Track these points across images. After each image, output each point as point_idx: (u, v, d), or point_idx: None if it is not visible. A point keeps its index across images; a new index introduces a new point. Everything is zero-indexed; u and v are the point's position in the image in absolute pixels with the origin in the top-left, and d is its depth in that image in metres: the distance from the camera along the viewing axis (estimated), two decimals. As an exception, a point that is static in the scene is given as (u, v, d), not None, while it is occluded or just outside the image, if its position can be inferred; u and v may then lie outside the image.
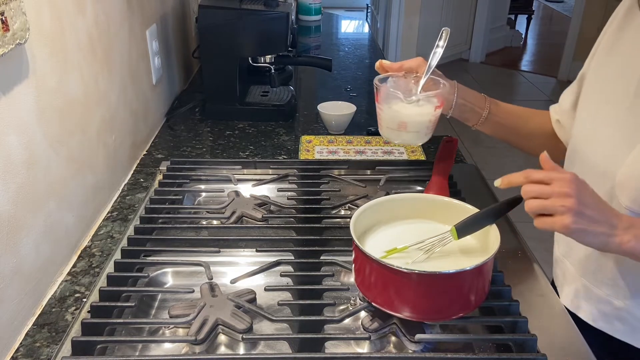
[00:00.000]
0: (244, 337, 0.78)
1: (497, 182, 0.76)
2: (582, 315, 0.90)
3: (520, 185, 0.73)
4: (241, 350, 0.80)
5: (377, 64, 0.95)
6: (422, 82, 0.90)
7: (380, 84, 0.92)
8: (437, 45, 0.93)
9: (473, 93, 0.99)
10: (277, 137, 1.50)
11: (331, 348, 0.79)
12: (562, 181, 0.68)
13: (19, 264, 0.81)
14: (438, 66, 0.93)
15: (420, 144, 0.95)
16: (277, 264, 0.93)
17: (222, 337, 0.81)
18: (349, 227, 0.79)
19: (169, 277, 0.95)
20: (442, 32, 0.94)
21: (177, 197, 1.15)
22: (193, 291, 0.86)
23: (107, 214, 1.12)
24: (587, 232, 0.68)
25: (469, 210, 0.83)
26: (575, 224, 0.67)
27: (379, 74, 0.95)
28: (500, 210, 0.82)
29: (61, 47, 0.93)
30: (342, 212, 1.11)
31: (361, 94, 1.88)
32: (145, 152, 1.38)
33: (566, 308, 0.89)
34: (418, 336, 0.76)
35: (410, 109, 0.89)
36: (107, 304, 0.83)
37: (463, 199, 0.99)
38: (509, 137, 1.04)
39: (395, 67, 0.94)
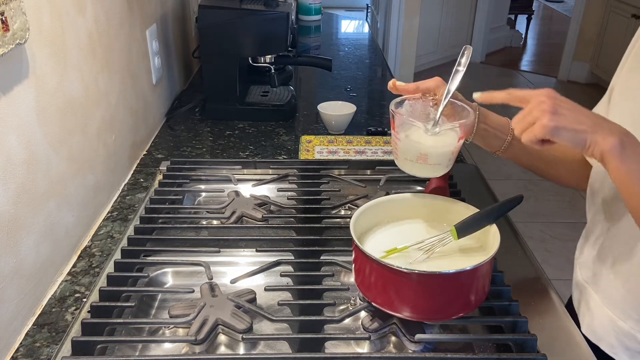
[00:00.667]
0: (244, 337, 0.78)
1: (477, 95, 0.76)
2: (603, 347, 0.85)
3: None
4: (241, 350, 0.80)
5: (390, 83, 0.86)
6: (441, 107, 0.81)
7: (395, 110, 0.82)
8: (459, 64, 0.83)
9: (495, 117, 0.89)
10: (277, 137, 1.50)
11: (331, 348, 0.79)
12: (538, 93, 0.69)
13: (19, 264, 0.81)
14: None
15: (439, 175, 0.86)
16: (277, 264, 0.93)
17: (222, 337, 0.81)
18: (349, 227, 0.79)
19: (169, 277, 0.95)
20: (464, 50, 0.84)
21: (177, 197, 1.15)
22: (193, 291, 0.86)
23: (107, 214, 1.12)
24: (567, 129, 0.67)
25: (469, 210, 0.83)
26: (552, 122, 0.66)
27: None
28: (500, 210, 0.82)
29: (61, 47, 0.93)
30: (342, 212, 1.11)
31: (361, 94, 1.88)
32: (145, 152, 1.38)
33: (585, 337, 0.85)
34: (418, 336, 0.76)
35: (431, 139, 0.80)
36: (107, 304, 0.83)
37: (463, 199, 0.99)
38: (533, 164, 0.94)
39: (410, 89, 0.85)
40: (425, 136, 0.80)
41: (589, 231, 0.90)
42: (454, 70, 0.82)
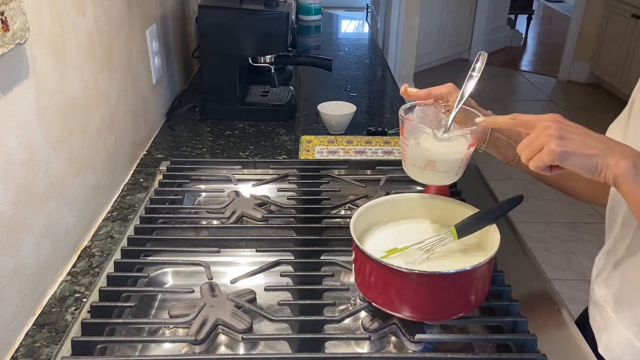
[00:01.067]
0: (244, 337, 0.78)
1: (479, 119, 0.76)
2: (605, 354, 0.84)
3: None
4: (241, 350, 0.80)
5: (402, 89, 0.84)
6: (453, 114, 0.79)
7: (405, 116, 0.80)
8: (473, 69, 0.81)
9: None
10: (277, 137, 1.50)
11: (331, 348, 0.79)
12: (544, 118, 0.68)
13: (19, 264, 0.81)
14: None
15: (449, 183, 0.85)
16: (277, 264, 0.93)
17: (222, 337, 0.81)
18: (349, 227, 0.79)
19: (169, 277, 0.95)
20: (479, 56, 0.82)
21: (177, 197, 1.15)
22: (193, 291, 0.86)
23: (107, 214, 1.12)
24: (576, 154, 0.66)
25: (469, 210, 0.83)
26: (560, 147, 0.65)
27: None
28: (500, 210, 0.82)
29: (61, 47, 0.93)
30: (342, 212, 1.11)
31: (361, 94, 1.88)
32: (145, 152, 1.38)
33: (601, 357, 0.84)
34: (418, 336, 0.76)
35: (440, 146, 0.78)
36: (107, 304, 0.83)
37: (463, 199, 1.00)
38: (548, 177, 0.90)
39: (422, 95, 0.84)
40: (434, 143, 0.78)
41: (611, 251, 0.87)
42: (468, 75, 0.80)
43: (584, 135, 0.67)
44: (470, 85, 0.80)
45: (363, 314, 0.83)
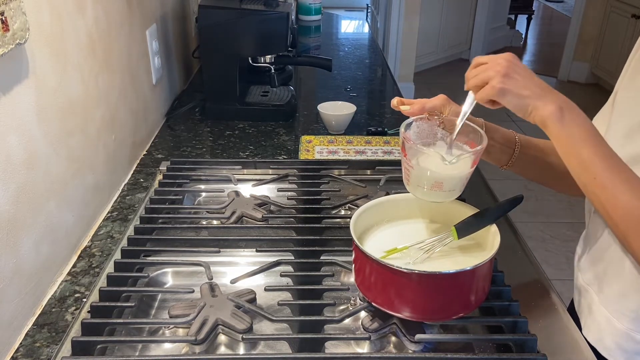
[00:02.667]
0: (244, 337, 0.78)
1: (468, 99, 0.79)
2: (600, 349, 0.85)
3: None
4: (241, 350, 0.80)
5: (394, 102, 0.84)
6: (456, 130, 0.79)
7: (407, 136, 0.79)
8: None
9: (501, 131, 0.88)
10: (277, 137, 1.50)
11: (331, 348, 0.79)
12: (497, 57, 0.74)
13: (19, 264, 0.81)
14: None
15: (452, 199, 0.84)
16: (277, 264, 0.93)
17: (222, 337, 0.81)
18: (349, 227, 0.79)
19: (169, 277, 0.95)
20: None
21: (177, 197, 1.15)
22: (193, 291, 0.86)
23: (107, 214, 1.12)
24: (512, 93, 0.72)
25: (469, 210, 0.83)
26: (501, 84, 0.71)
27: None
28: (500, 210, 0.82)
29: (61, 47, 0.93)
30: (342, 212, 1.11)
31: (361, 94, 1.88)
32: (145, 152, 1.38)
33: (586, 340, 0.85)
34: (418, 336, 0.76)
35: (447, 168, 0.76)
36: (107, 304, 0.83)
37: (463, 199, 0.99)
38: (541, 177, 0.94)
39: (415, 110, 0.83)
40: (440, 164, 0.76)
41: (587, 235, 0.91)
42: (469, 92, 0.79)
43: (527, 78, 0.73)
44: (470, 100, 0.79)
45: (363, 314, 0.83)
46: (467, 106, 0.78)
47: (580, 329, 0.87)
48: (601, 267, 0.85)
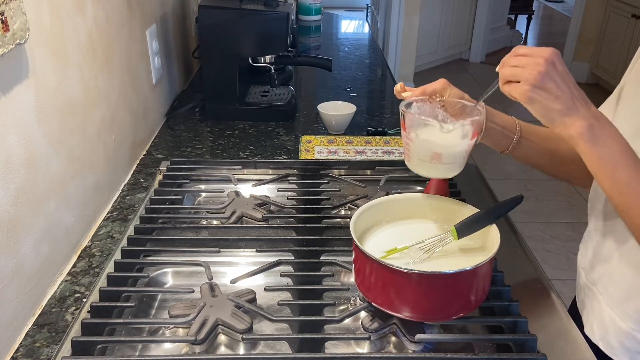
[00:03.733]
0: (244, 337, 0.78)
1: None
2: (603, 347, 0.86)
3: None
4: (241, 350, 0.80)
5: (397, 87, 0.85)
6: (484, 96, 0.80)
7: (406, 110, 0.81)
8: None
9: (502, 116, 0.89)
10: (277, 137, 1.50)
11: (331, 348, 0.79)
12: (540, 55, 0.69)
13: (19, 264, 0.81)
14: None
15: (453, 175, 0.86)
16: (277, 264, 0.93)
17: (222, 337, 0.81)
18: (349, 227, 0.79)
19: (169, 277, 0.95)
20: None
21: (177, 197, 1.15)
22: (193, 291, 0.86)
23: (107, 214, 1.12)
24: (541, 104, 0.69)
25: (469, 210, 0.83)
26: (531, 92, 0.69)
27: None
28: (500, 210, 0.82)
29: (61, 47, 0.93)
30: (342, 212, 1.11)
31: (361, 94, 1.88)
32: (145, 152, 1.38)
33: (587, 338, 0.85)
34: (418, 336, 0.76)
35: (446, 138, 0.79)
36: (107, 304, 0.83)
37: (463, 199, 1.00)
38: (541, 163, 0.94)
39: (417, 92, 0.84)
40: (438, 135, 0.78)
41: (590, 234, 0.91)
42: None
43: (561, 87, 0.69)
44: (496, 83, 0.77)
45: (363, 314, 0.83)
46: (494, 84, 0.77)
47: (581, 327, 0.87)
48: (606, 267, 0.85)
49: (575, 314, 0.92)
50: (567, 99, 0.69)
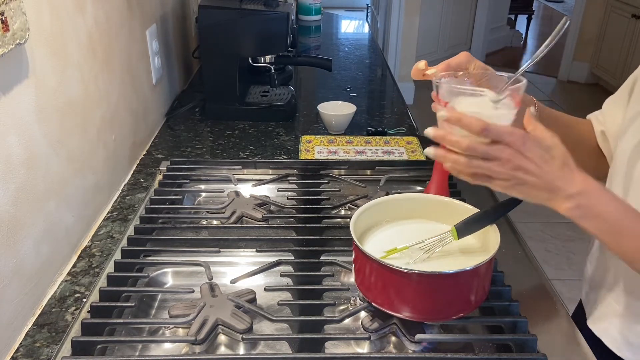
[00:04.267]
0: (244, 337, 0.78)
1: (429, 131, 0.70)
2: (607, 341, 0.85)
3: None
4: (241, 350, 0.80)
5: (420, 64, 0.80)
6: (541, 53, 0.72)
7: (444, 82, 0.73)
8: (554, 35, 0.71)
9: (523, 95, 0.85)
10: (277, 137, 1.50)
11: (331, 348, 0.79)
12: (508, 146, 0.64)
13: (19, 264, 0.81)
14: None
15: None
16: (277, 264, 0.93)
17: (222, 337, 0.81)
18: (349, 227, 0.79)
19: (169, 277, 0.95)
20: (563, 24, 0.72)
21: (177, 197, 1.15)
22: (193, 291, 0.86)
23: (107, 214, 1.12)
24: (521, 194, 0.67)
25: (469, 210, 0.83)
26: (505, 189, 0.66)
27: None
28: (500, 210, 0.82)
29: (61, 47, 0.93)
30: (342, 212, 1.11)
31: (361, 94, 1.88)
32: (145, 152, 1.38)
33: (590, 331, 0.85)
34: (418, 336, 0.76)
35: (494, 109, 0.70)
36: (107, 304, 0.83)
37: (463, 199, 0.99)
38: None
39: (441, 67, 0.79)
40: (487, 106, 0.69)
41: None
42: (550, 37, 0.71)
43: (537, 174, 0.64)
44: (543, 48, 0.72)
45: (363, 314, 0.83)
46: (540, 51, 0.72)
47: (582, 327, 0.87)
48: (612, 263, 0.85)
49: (577, 315, 0.92)
50: (545, 185, 0.65)
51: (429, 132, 0.69)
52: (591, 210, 0.64)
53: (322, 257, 0.94)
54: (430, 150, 0.70)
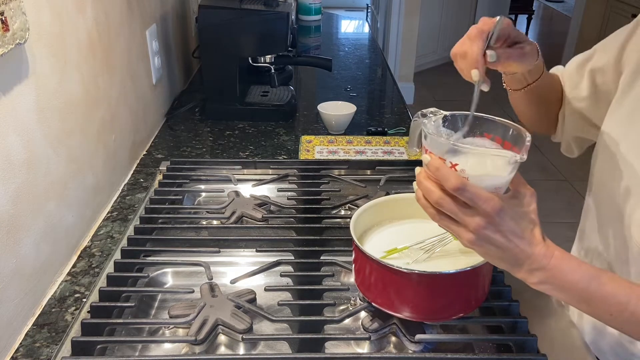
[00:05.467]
0: (244, 337, 0.78)
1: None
2: (595, 351, 0.83)
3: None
4: (241, 350, 0.80)
5: (475, 30, 0.71)
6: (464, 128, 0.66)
7: (432, 135, 0.63)
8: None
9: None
10: (277, 137, 1.50)
11: (331, 348, 0.79)
12: (479, 214, 0.59)
13: (19, 264, 0.81)
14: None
15: None
16: (277, 264, 0.93)
17: (222, 337, 0.81)
18: (349, 227, 0.79)
19: (169, 277, 0.95)
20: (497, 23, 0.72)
21: (177, 197, 1.15)
22: (193, 291, 0.86)
23: (107, 214, 1.12)
24: (487, 259, 0.64)
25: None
26: (473, 248, 0.63)
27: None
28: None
29: (61, 47, 0.93)
30: (342, 212, 1.11)
31: (361, 94, 1.88)
32: (145, 152, 1.38)
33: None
34: (418, 336, 0.76)
35: (487, 169, 0.62)
36: (107, 304, 0.83)
37: (463, 199, 0.99)
38: (524, 110, 0.89)
39: (479, 46, 0.70)
40: (499, 165, 0.61)
41: (582, 237, 0.91)
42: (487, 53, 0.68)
43: (503, 246, 0.61)
44: (476, 93, 0.68)
45: (363, 314, 0.83)
46: (476, 96, 0.68)
47: None
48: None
49: None
50: (509, 258, 0.62)
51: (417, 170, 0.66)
52: (556, 284, 0.63)
53: (322, 257, 0.94)
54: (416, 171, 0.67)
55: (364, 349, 0.80)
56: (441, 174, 0.60)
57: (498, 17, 0.72)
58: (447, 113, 0.69)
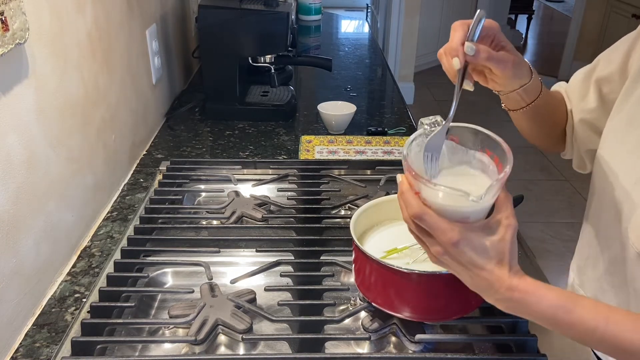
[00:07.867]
0: (244, 337, 0.78)
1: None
2: (597, 353, 0.84)
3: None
4: (241, 350, 0.80)
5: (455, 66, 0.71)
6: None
7: (419, 173, 0.61)
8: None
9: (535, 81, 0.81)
10: (277, 137, 1.50)
11: (331, 348, 0.79)
12: (439, 239, 0.60)
13: (19, 264, 0.81)
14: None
15: None
16: (277, 264, 0.93)
17: (222, 337, 0.81)
18: (349, 227, 0.79)
19: (169, 277, 0.95)
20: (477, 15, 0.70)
21: (177, 197, 1.15)
22: (193, 291, 0.86)
23: (107, 214, 1.12)
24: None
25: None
26: (435, 261, 0.64)
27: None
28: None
29: (61, 47, 0.93)
30: (342, 212, 1.11)
31: (361, 94, 1.88)
32: (145, 152, 1.38)
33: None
34: (418, 336, 0.76)
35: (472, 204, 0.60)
36: (107, 304, 0.83)
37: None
38: (524, 126, 0.88)
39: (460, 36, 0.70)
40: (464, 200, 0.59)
41: (584, 239, 0.90)
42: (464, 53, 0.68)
43: (462, 275, 0.63)
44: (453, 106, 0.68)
45: (363, 314, 0.82)
46: (453, 109, 0.68)
47: None
48: (592, 271, 0.84)
49: None
50: (472, 284, 0.63)
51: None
52: (523, 313, 0.63)
53: (322, 257, 0.94)
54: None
55: (364, 349, 0.80)
56: (405, 198, 0.62)
57: (478, 10, 0.73)
58: (449, 124, 0.70)
